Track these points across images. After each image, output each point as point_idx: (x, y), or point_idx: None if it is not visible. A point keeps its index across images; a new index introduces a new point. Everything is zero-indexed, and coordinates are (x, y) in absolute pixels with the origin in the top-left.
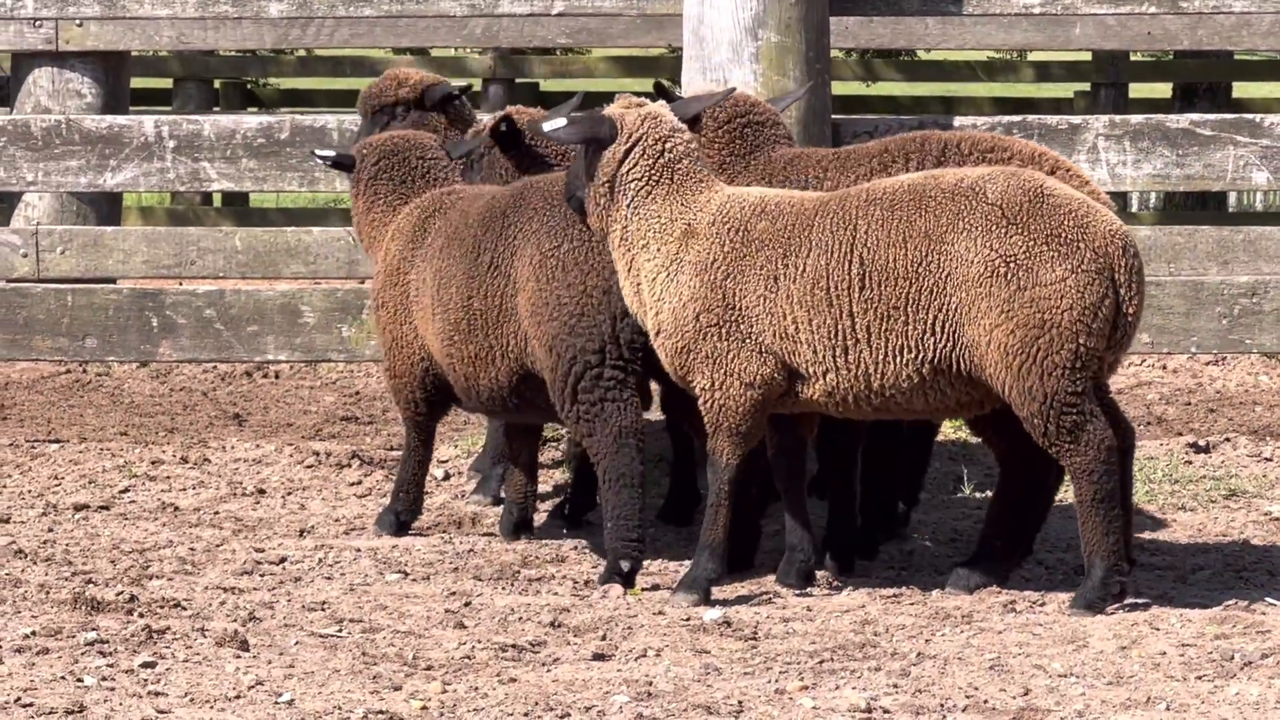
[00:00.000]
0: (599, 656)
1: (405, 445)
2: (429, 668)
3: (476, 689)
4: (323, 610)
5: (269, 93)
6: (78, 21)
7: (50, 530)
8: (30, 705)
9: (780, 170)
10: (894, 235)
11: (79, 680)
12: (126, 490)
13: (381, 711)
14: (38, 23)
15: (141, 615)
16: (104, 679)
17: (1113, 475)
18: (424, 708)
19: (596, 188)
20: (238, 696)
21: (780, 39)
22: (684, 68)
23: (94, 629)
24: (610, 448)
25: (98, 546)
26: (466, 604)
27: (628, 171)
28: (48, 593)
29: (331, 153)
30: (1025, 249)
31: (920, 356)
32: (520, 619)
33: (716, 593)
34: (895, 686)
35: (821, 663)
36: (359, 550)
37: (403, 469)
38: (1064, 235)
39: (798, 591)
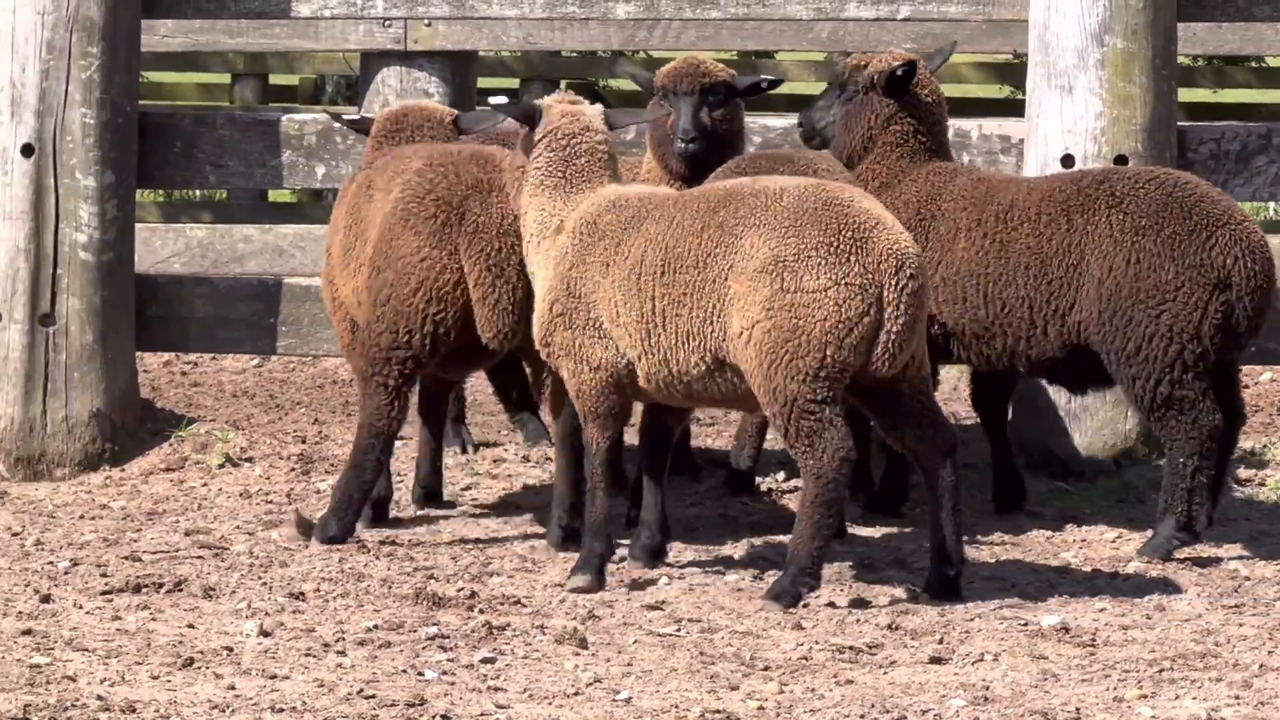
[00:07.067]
0: (935, 660)
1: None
2: (766, 668)
3: (813, 690)
4: (661, 610)
5: (613, 93)
6: (426, 21)
7: (392, 526)
8: (372, 697)
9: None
10: (696, 226)
11: (420, 674)
12: (468, 489)
13: (718, 711)
14: (387, 22)
15: (482, 611)
16: (444, 673)
17: (840, 486)
18: (760, 708)
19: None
20: (576, 694)
21: (1126, 45)
22: (1029, 74)
23: (435, 624)
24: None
25: (439, 543)
26: (804, 605)
27: (533, 160)
28: (390, 587)
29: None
30: (797, 253)
31: (703, 344)
32: (858, 621)
33: (1052, 602)
34: (1237, 698)
35: (1161, 671)
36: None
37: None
38: (837, 245)
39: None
